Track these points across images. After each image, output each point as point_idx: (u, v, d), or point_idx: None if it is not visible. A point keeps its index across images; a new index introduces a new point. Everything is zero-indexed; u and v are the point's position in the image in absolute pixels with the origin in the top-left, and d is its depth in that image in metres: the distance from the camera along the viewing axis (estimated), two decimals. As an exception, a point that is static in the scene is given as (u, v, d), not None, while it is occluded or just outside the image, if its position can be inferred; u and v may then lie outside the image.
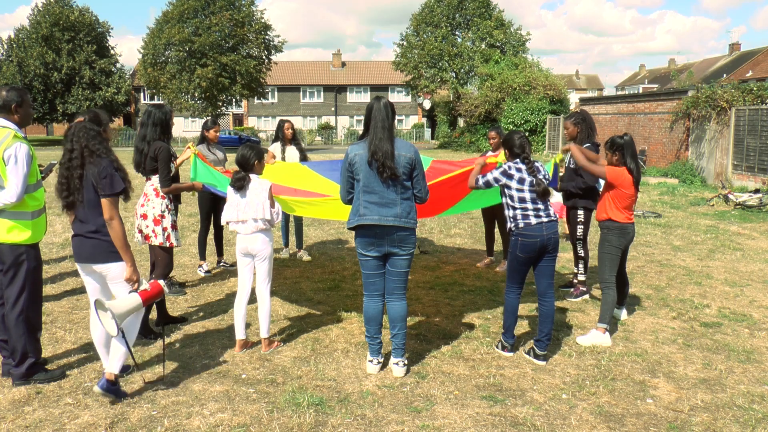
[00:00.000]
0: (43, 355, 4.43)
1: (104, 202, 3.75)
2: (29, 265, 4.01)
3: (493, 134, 7.04)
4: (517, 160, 4.55)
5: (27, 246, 4.01)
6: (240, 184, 4.52)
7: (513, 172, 4.49)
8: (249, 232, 4.54)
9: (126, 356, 3.86)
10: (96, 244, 3.81)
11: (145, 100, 53.46)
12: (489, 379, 4.22)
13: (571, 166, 5.99)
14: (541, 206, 4.47)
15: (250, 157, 4.58)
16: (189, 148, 5.66)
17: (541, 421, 3.66)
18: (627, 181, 4.88)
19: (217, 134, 6.98)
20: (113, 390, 3.78)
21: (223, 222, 4.68)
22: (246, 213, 4.52)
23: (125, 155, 7.15)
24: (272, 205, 4.59)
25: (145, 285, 3.87)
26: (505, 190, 4.54)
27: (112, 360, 3.83)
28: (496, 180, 4.54)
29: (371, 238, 4.14)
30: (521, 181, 4.47)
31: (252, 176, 4.58)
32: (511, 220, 4.52)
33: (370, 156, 4.04)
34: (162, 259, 5.08)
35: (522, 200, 4.46)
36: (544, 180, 4.50)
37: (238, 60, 40.30)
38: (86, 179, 3.77)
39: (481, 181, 4.64)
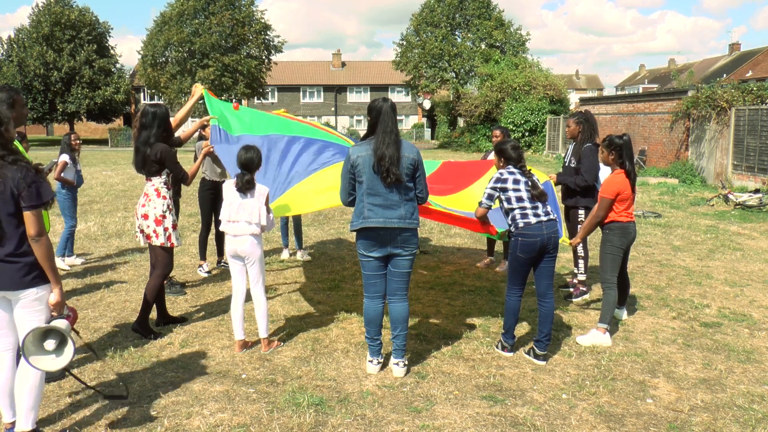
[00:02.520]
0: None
1: (29, 215, 3.06)
2: None
3: (497, 132, 7.05)
4: (510, 165, 4.57)
5: None
6: (248, 187, 4.52)
7: (506, 176, 4.53)
8: (238, 234, 4.54)
9: (39, 401, 3.25)
10: (16, 269, 3.11)
11: (145, 100, 53.46)
12: (489, 379, 4.22)
13: (572, 165, 5.99)
14: (539, 205, 4.47)
15: (255, 160, 4.59)
16: (197, 87, 5.79)
17: (541, 421, 3.66)
18: (624, 185, 4.90)
19: None
20: None
21: (221, 219, 4.69)
22: (239, 214, 4.52)
23: (126, 155, 7.15)
24: (268, 212, 4.60)
25: (66, 311, 3.30)
26: (502, 195, 4.54)
27: (24, 412, 3.18)
28: (493, 189, 4.55)
29: (374, 240, 4.14)
30: (516, 182, 4.49)
31: (255, 179, 4.58)
32: (511, 221, 4.52)
33: (376, 161, 4.03)
34: (162, 259, 5.08)
35: (519, 199, 4.46)
36: (538, 182, 4.53)
37: (239, 60, 40.31)
38: (4, 192, 3.08)
39: (484, 205, 4.62)
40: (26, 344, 3.04)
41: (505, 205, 4.54)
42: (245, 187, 4.51)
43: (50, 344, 3.10)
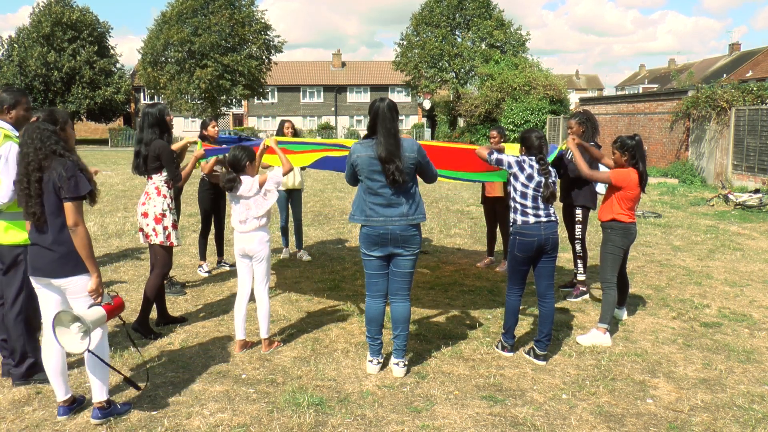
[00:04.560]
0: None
1: (68, 206, 3.31)
2: (27, 266, 3.98)
3: (494, 133, 7.03)
4: (533, 157, 4.55)
5: (25, 246, 3.97)
6: (230, 186, 4.51)
7: (525, 166, 4.49)
8: (248, 230, 4.55)
9: (107, 377, 3.59)
10: (55, 257, 3.38)
11: (145, 100, 53.45)
12: (489, 379, 4.22)
13: (569, 158, 6.00)
14: (541, 206, 4.47)
15: (241, 158, 4.56)
16: (191, 143, 5.77)
17: (541, 421, 3.66)
18: (633, 183, 4.89)
19: (216, 130, 6.95)
20: (110, 413, 3.60)
21: (232, 223, 4.68)
22: (242, 213, 4.54)
23: (126, 155, 7.16)
24: (269, 185, 4.57)
25: (108, 299, 3.52)
26: (512, 180, 4.54)
27: (97, 387, 3.55)
28: (509, 165, 4.53)
29: (376, 238, 4.14)
30: (530, 177, 4.47)
31: (243, 177, 4.57)
32: (513, 211, 4.52)
33: (380, 164, 4.02)
34: (161, 258, 5.08)
35: (524, 196, 4.46)
36: (553, 184, 4.50)
37: (239, 60, 40.28)
38: (47, 183, 3.35)
39: (494, 157, 4.61)
40: (60, 316, 3.29)
41: (511, 191, 4.55)
42: (228, 185, 4.51)
43: (75, 329, 3.31)
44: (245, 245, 4.58)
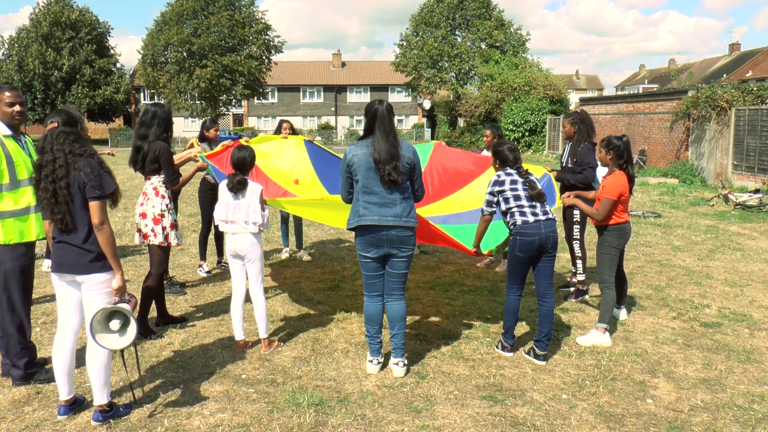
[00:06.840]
0: (43, 355, 4.44)
1: (94, 205, 3.36)
2: (5, 267, 3.96)
3: (488, 132, 7.10)
4: (507, 167, 4.57)
5: (1, 247, 3.95)
6: (239, 188, 4.51)
7: (503, 177, 4.54)
8: (237, 232, 4.54)
9: (109, 379, 3.59)
10: (82, 253, 3.41)
11: (145, 99, 53.45)
12: (489, 379, 4.22)
13: (569, 165, 5.99)
14: (537, 204, 4.47)
15: (247, 159, 4.58)
16: (193, 145, 5.80)
17: (541, 421, 3.66)
18: (626, 187, 4.90)
19: (217, 133, 7.00)
20: (111, 415, 3.60)
21: (216, 221, 4.67)
22: (236, 214, 4.51)
23: (126, 155, 7.15)
24: (263, 209, 4.57)
25: (128, 296, 3.58)
26: (500, 197, 4.54)
27: (99, 389, 3.53)
28: (492, 194, 4.55)
29: (371, 240, 4.14)
30: (514, 182, 4.51)
31: (247, 179, 4.57)
32: (510, 216, 4.52)
33: (375, 164, 4.04)
34: (158, 258, 5.08)
35: (517, 197, 4.47)
36: (536, 181, 4.53)
37: (239, 60, 40.29)
38: (73, 185, 3.38)
39: (485, 208, 4.61)
40: (93, 323, 3.34)
41: (503, 206, 4.53)
42: (236, 187, 4.50)
43: (115, 324, 3.40)
44: (236, 245, 4.57)
